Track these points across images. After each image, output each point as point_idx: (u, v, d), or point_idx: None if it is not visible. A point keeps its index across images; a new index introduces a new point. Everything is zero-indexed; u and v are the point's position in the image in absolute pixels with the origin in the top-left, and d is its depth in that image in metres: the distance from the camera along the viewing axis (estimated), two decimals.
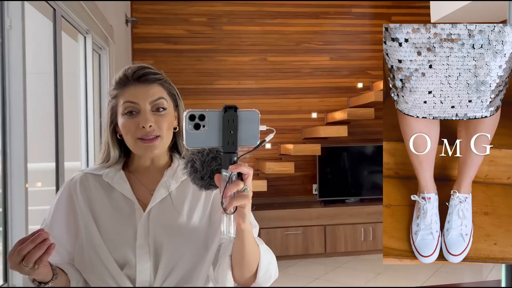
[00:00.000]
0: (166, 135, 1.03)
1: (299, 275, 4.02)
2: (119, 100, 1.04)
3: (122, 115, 1.03)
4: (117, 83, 1.05)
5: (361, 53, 4.97)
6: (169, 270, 1.00)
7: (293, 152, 4.30)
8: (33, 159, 1.95)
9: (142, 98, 1.01)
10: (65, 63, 2.45)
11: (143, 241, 1.00)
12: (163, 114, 1.03)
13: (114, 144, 1.08)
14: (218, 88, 4.76)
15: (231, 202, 0.78)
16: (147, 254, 0.99)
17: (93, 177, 1.07)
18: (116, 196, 1.05)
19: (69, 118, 2.71)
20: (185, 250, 1.01)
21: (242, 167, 0.78)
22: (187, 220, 1.03)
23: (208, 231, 1.04)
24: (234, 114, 0.77)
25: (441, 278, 3.89)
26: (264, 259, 0.96)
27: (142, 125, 1.00)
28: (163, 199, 1.04)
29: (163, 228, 1.01)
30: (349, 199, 4.77)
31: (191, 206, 1.05)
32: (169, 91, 1.07)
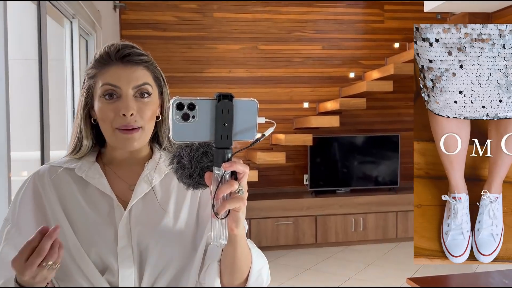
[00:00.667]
0: (148, 125, 0.92)
1: (290, 265, 4.01)
2: (97, 80, 0.91)
3: (99, 98, 0.90)
4: (97, 61, 0.92)
5: (354, 42, 4.93)
6: (155, 275, 0.89)
7: (284, 142, 4.26)
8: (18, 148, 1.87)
9: (125, 81, 0.89)
10: (51, 48, 2.35)
11: (126, 243, 0.88)
12: (147, 101, 0.91)
13: (87, 130, 0.94)
14: (208, 77, 4.68)
15: (223, 205, 0.67)
16: (130, 258, 0.88)
17: (63, 170, 0.94)
18: (91, 192, 0.92)
19: (55, 106, 2.63)
20: (173, 252, 0.90)
21: (237, 165, 0.68)
22: (174, 219, 0.92)
23: (195, 231, 0.93)
24: (229, 103, 0.67)
25: (431, 269, 3.92)
26: (256, 265, 0.86)
27: (123, 112, 0.87)
28: (145, 195, 0.93)
29: (147, 228, 0.90)
30: (340, 189, 4.76)
31: (177, 202, 0.94)
32: (154, 75, 0.95)
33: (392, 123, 5.02)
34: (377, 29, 4.97)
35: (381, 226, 4.57)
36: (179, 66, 4.60)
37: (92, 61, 0.95)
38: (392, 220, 4.59)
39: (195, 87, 4.62)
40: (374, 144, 4.83)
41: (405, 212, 4.61)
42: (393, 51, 4.91)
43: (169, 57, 4.56)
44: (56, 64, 2.84)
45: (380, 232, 4.57)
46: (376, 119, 4.98)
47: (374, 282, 3.58)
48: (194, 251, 0.93)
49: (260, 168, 4.42)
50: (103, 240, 0.89)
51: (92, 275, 0.87)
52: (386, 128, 4.98)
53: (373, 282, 3.57)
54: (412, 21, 4.99)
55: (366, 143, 4.82)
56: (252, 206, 4.25)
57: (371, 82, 4.43)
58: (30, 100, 2.36)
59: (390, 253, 4.34)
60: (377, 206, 4.56)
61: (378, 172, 4.83)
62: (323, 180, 4.73)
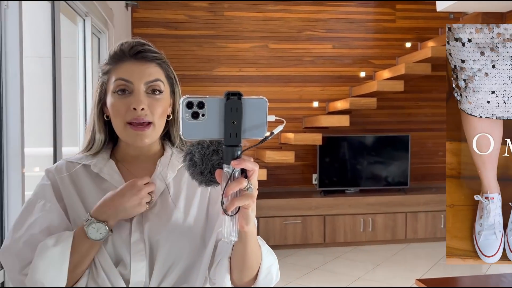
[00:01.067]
0: (159, 122, 0.93)
1: (298, 265, 4.01)
2: (111, 76, 0.93)
3: (112, 93, 0.92)
4: (111, 58, 0.94)
5: (364, 41, 4.90)
6: (166, 269, 0.91)
7: (294, 141, 4.26)
8: (30, 144, 1.90)
9: (138, 77, 0.91)
10: (64, 46, 2.38)
11: (138, 237, 0.90)
12: (159, 98, 0.92)
13: (100, 126, 0.97)
14: (218, 75, 4.69)
15: (232, 202, 0.68)
16: (142, 252, 0.90)
17: (80, 166, 0.96)
18: (107, 187, 0.94)
19: (68, 103, 2.66)
20: (183, 247, 0.92)
21: (246, 162, 0.68)
22: (184, 215, 0.94)
23: (205, 227, 0.95)
24: (238, 102, 0.67)
25: (440, 270, 3.89)
26: (265, 262, 0.87)
27: (134, 106, 0.89)
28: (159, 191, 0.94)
29: (158, 225, 0.92)
30: (349, 189, 4.74)
31: (188, 199, 0.96)
32: (167, 73, 0.96)
33: (403, 123, 4.99)
34: (389, 28, 4.94)
35: (390, 226, 4.55)
36: (190, 65, 4.62)
37: (106, 58, 0.96)
38: (401, 221, 4.57)
39: (206, 85, 4.64)
40: (384, 144, 4.80)
41: (414, 213, 4.58)
42: (404, 50, 4.88)
43: (180, 56, 4.58)
44: (68, 61, 2.87)
45: (389, 232, 4.55)
46: (386, 119, 4.96)
47: (382, 282, 3.57)
48: (203, 247, 0.94)
49: (269, 167, 4.42)
50: (118, 234, 0.91)
51: (106, 266, 0.89)
52: (396, 128, 4.95)
53: (381, 283, 3.56)
54: (424, 20, 4.95)
55: (376, 143, 4.80)
56: (261, 204, 4.25)
57: (381, 82, 4.40)
58: (43, 97, 2.40)
59: (399, 254, 4.32)
60: (387, 206, 4.54)
61: (387, 172, 4.81)
62: (332, 180, 4.72)
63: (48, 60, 2.31)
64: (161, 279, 0.91)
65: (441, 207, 4.61)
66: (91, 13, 2.87)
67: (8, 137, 1.74)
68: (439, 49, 4.25)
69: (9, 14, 1.74)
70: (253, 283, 0.88)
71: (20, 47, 1.75)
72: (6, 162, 1.74)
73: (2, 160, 1.74)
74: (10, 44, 1.74)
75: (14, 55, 1.73)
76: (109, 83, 0.94)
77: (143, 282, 0.90)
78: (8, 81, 1.73)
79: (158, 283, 0.91)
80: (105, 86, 0.95)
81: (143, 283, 0.90)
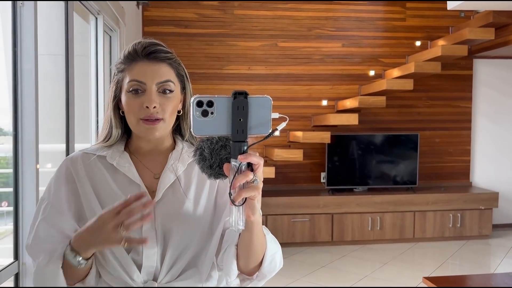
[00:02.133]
0: (169, 118, 0.99)
1: (305, 262, 4.03)
2: (125, 75, 0.99)
3: (126, 92, 0.99)
4: (126, 57, 1.01)
5: (374, 40, 4.89)
6: (176, 255, 0.97)
7: (302, 139, 4.28)
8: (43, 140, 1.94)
9: (150, 77, 0.97)
10: (76, 44, 2.42)
11: (150, 225, 0.96)
12: (169, 97, 0.98)
13: (116, 121, 1.03)
14: (228, 73, 4.72)
15: (239, 193, 0.74)
16: (154, 239, 0.96)
17: (95, 157, 1.02)
18: (121, 178, 1.00)
19: (80, 100, 2.70)
20: (193, 236, 0.98)
21: (252, 157, 0.73)
22: (194, 205, 1.00)
23: (213, 216, 1.01)
24: (244, 100, 0.72)
25: (448, 269, 3.89)
26: (270, 249, 0.93)
27: (146, 105, 0.96)
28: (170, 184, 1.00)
29: (171, 214, 0.98)
30: (357, 188, 4.75)
31: (197, 190, 1.02)
32: (177, 72, 1.02)
33: (412, 122, 4.98)
34: (398, 27, 4.92)
35: (398, 225, 4.55)
36: (200, 63, 4.66)
37: (121, 57, 1.02)
38: (409, 220, 4.56)
39: (215, 83, 4.67)
40: (393, 143, 4.80)
41: (423, 212, 4.57)
42: (414, 49, 4.86)
43: (190, 54, 4.62)
44: (81, 59, 2.91)
45: (397, 231, 4.55)
46: (395, 117, 4.95)
47: (389, 281, 3.57)
48: (211, 235, 1.00)
49: (277, 165, 4.44)
50: None
51: (119, 253, 0.96)
52: (405, 127, 4.94)
53: (388, 281, 3.56)
54: (434, 19, 4.92)
55: (385, 142, 4.79)
56: (269, 202, 4.28)
57: (391, 81, 4.39)
58: (56, 94, 2.44)
59: (407, 253, 4.32)
60: (395, 205, 4.54)
61: (396, 171, 4.80)
62: (340, 178, 4.72)
63: (61, 58, 2.35)
64: (172, 264, 0.97)
65: (450, 206, 4.60)
66: (103, 11, 2.91)
67: (23, 133, 1.78)
68: (449, 48, 4.23)
69: (25, 12, 1.78)
70: (258, 269, 0.94)
71: (35, 45, 1.79)
72: (21, 158, 1.78)
73: (17, 156, 1.78)
74: (25, 42, 1.78)
75: (29, 53, 1.77)
76: (124, 82, 1.00)
77: (154, 267, 0.97)
78: (23, 78, 1.77)
79: (169, 268, 0.97)
80: (120, 84, 1.01)
81: (154, 268, 0.97)
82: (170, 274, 0.97)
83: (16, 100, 1.77)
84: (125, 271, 0.95)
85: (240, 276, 0.95)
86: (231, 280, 0.94)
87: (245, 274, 0.95)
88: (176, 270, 0.97)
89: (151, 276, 0.96)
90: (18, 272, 1.78)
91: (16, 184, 1.79)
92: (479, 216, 4.66)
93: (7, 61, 1.81)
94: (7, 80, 1.85)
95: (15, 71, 1.77)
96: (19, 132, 1.78)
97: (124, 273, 0.95)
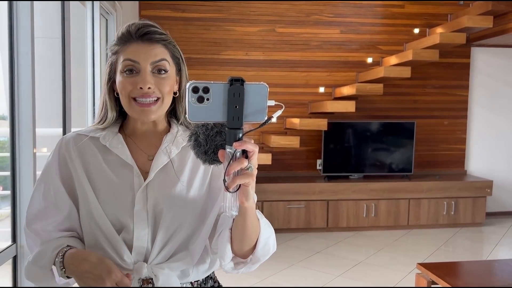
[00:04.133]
0: (166, 98, 0.98)
1: (301, 248, 4.07)
2: (119, 56, 0.98)
3: (120, 73, 0.97)
4: (119, 39, 0.99)
5: (372, 27, 4.87)
6: (167, 238, 0.97)
7: (299, 126, 4.28)
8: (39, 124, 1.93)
9: (144, 57, 0.96)
10: (72, 28, 2.39)
11: (141, 206, 0.97)
12: (164, 76, 0.97)
13: (111, 103, 1.02)
14: (225, 59, 4.69)
15: (234, 180, 0.74)
16: (145, 220, 0.96)
17: (88, 139, 1.02)
18: (113, 159, 1.00)
19: (76, 84, 2.68)
20: (184, 218, 0.98)
21: (247, 144, 0.73)
22: (187, 188, 1.00)
23: (207, 200, 1.01)
24: (240, 87, 0.72)
25: (441, 256, 3.94)
26: (263, 233, 0.94)
27: (140, 85, 0.95)
28: (163, 166, 1.00)
29: (162, 196, 0.98)
30: (352, 175, 4.77)
31: (191, 173, 1.02)
32: (172, 53, 1.01)
33: (409, 110, 4.99)
34: (397, 13, 4.89)
35: (393, 212, 4.59)
36: (196, 48, 4.62)
37: (115, 38, 1.01)
38: (404, 207, 4.60)
39: (212, 69, 4.64)
40: (389, 131, 4.81)
41: (417, 200, 4.61)
42: (412, 36, 4.84)
43: (187, 38, 4.58)
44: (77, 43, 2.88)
45: (392, 218, 4.60)
46: (392, 105, 4.95)
47: (383, 267, 3.62)
48: (204, 218, 1.01)
49: (274, 151, 4.45)
50: (121, 203, 0.98)
51: (109, 233, 0.97)
52: (402, 115, 4.95)
53: (382, 268, 3.61)
54: (433, 6, 4.90)
55: (381, 130, 4.81)
56: (265, 188, 4.30)
57: (388, 68, 4.39)
58: (52, 78, 2.42)
59: (401, 239, 4.37)
60: (390, 192, 4.57)
61: (392, 159, 4.83)
62: (336, 166, 4.75)
63: (57, 41, 2.32)
64: (162, 246, 0.98)
65: (444, 194, 4.64)
66: None
67: (20, 117, 1.76)
68: (447, 36, 4.22)
69: None
70: (251, 252, 0.94)
71: (31, 28, 1.76)
72: (18, 142, 1.77)
73: (14, 140, 1.77)
74: (21, 25, 1.75)
75: (25, 36, 1.75)
76: (118, 63, 0.99)
77: (145, 248, 0.97)
78: (20, 62, 1.75)
79: (159, 249, 0.98)
80: (114, 65, 1.00)
81: (145, 249, 0.97)
82: (161, 255, 0.97)
83: (12, 84, 1.76)
84: (115, 251, 0.96)
85: (234, 259, 0.96)
86: (225, 263, 0.95)
87: (239, 257, 0.96)
88: (167, 251, 0.98)
89: (142, 257, 0.97)
90: (16, 254, 1.78)
91: (13, 168, 1.79)
92: (473, 204, 4.71)
93: (3, 45, 1.79)
94: (1, 64, 1.82)
95: (11, 54, 1.74)
96: (15, 116, 1.77)
97: (114, 253, 0.96)
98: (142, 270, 0.96)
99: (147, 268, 0.96)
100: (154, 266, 0.97)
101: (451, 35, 4.23)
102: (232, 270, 0.96)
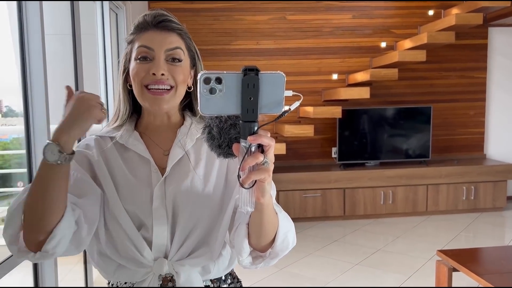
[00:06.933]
0: (180, 88, 0.96)
1: (318, 237, 4.05)
2: (134, 45, 0.97)
3: (134, 60, 0.95)
4: (135, 28, 0.98)
5: (385, 10, 4.77)
6: (186, 233, 0.96)
7: (313, 114, 4.23)
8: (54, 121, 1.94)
9: (158, 44, 0.94)
10: (83, 23, 2.39)
11: (160, 203, 0.95)
12: (178, 65, 0.95)
13: (124, 96, 1.00)
14: (235, 49, 4.65)
15: (249, 176, 0.69)
16: (164, 217, 0.95)
17: (107, 139, 1.01)
18: (131, 157, 0.99)
19: (88, 79, 2.69)
20: (202, 213, 0.96)
21: (262, 138, 0.68)
22: (204, 182, 0.98)
23: (224, 194, 0.99)
24: (255, 77, 0.67)
25: (462, 242, 3.88)
26: (282, 228, 0.90)
27: (153, 71, 0.92)
28: (179, 159, 0.98)
29: (180, 191, 0.96)
30: (369, 162, 4.72)
31: (207, 166, 1.00)
32: (187, 45, 0.99)
33: (425, 94, 4.89)
34: None
35: (411, 199, 4.53)
36: (207, 39, 4.59)
37: (131, 29, 1.00)
38: (422, 193, 4.54)
39: (223, 59, 4.62)
40: (405, 116, 4.73)
41: (435, 185, 4.54)
42: (426, 19, 4.73)
43: (197, 30, 4.55)
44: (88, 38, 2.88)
45: (410, 205, 4.54)
46: (408, 90, 4.86)
47: (402, 254, 3.58)
48: (221, 212, 0.98)
49: (288, 141, 4.42)
50: (140, 200, 0.96)
51: (130, 230, 0.95)
52: (418, 100, 4.86)
53: (401, 255, 3.58)
54: None
55: (397, 115, 4.73)
56: (280, 178, 4.28)
57: (403, 52, 4.30)
58: (64, 75, 2.42)
59: (419, 226, 4.31)
60: (407, 179, 4.51)
61: (408, 144, 4.75)
62: (352, 153, 4.69)
63: (68, 37, 2.32)
64: (182, 242, 0.96)
65: (463, 179, 4.56)
66: None
67: (34, 114, 1.78)
68: (463, 16, 4.10)
69: None
70: (270, 247, 0.91)
71: (41, 25, 1.76)
72: (34, 139, 1.79)
73: (29, 136, 1.79)
74: (31, 23, 1.75)
75: (36, 33, 1.75)
76: (133, 51, 0.97)
77: (165, 245, 0.96)
78: (31, 60, 1.76)
79: (179, 245, 0.96)
80: (129, 55, 0.99)
81: (165, 246, 0.96)
82: (181, 251, 0.96)
83: (25, 82, 1.76)
84: (135, 247, 0.95)
85: (253, 253, 0.93)
86: (242, 258, 0.92)
87: (258, 251, 0.93)
88: (187, 247, 0.96)
89: (162, 253, 0.96)
90: None
91: (30, 164, 1.80)
92: (493, 188, 4.61)
93: (15, 42, 1.79)
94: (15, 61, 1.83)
95: (22, 52, 1.75)
96: (30, 113, 1.78)
97: (135, 249, 0.95)
98: (163, 266, 0.95)
99: (167, 264, 0.95)
100: (174, 263, 0.96)
101: (467, 16, 4.11)
102: (250, 265, 0.93)
